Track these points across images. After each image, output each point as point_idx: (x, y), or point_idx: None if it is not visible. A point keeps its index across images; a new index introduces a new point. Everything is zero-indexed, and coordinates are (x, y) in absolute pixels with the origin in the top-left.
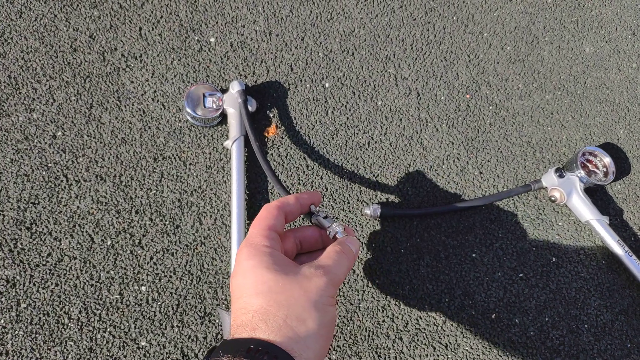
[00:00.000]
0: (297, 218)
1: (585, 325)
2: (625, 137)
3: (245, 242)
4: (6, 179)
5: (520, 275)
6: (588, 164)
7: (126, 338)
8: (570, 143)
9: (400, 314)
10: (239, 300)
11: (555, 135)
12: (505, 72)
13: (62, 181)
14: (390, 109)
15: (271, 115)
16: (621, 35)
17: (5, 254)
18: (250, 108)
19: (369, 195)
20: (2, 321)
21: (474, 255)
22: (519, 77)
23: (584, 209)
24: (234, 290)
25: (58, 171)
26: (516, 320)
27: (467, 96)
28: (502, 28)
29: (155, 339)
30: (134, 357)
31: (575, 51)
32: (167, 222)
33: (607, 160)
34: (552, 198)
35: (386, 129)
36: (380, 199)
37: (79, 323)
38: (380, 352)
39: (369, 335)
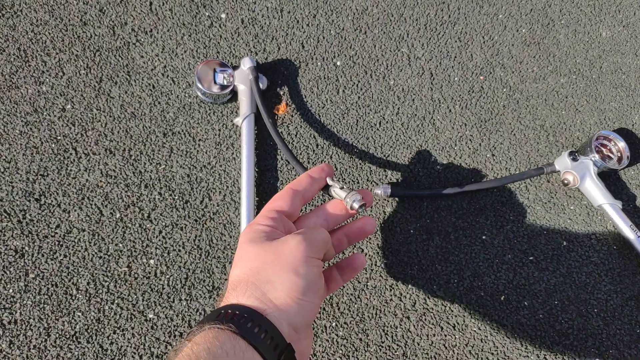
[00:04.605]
0: (317, 194)
1: (595, 310)
2: None
3: (249, 224)
4: (15, 150)
5: (531, 258)
6: (602, 149)
7: (134, 310)
8: (584, 127)
9: (408, 293)
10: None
11: (570, 119)
12: (520, 54)
13: (71, 154)
14: (403, 88)
15: (281, 93)
16: (639, 19)
17: (14, 224)
18: (261, 85)
19: (379, 175)
20: (11, 290)
21: (484, 237)
22: (533, 60)
23: (597, 193)
24: None
25: (67, 144)
26: (525, 303)
27: (481, 78)
28: (517, 10)
29: (163, 312)
30: (142, 329)
31: (592, 35)
32: (176, 197)
33: (622, 144)
34: (565, 181)
35: (398, 108)
36: (391, 179)
37: (87, 294)
38: (387, 330)
39: (376, 314)
